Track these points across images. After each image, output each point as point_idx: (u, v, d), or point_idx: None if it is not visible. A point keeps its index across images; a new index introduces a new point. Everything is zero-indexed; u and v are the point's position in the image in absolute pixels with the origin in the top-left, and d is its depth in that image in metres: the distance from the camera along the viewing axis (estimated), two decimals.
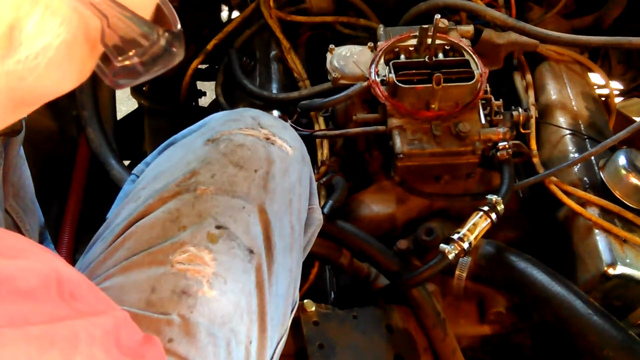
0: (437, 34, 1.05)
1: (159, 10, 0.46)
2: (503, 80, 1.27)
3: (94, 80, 1.29)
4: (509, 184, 1.04)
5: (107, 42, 0.42)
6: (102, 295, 0.46)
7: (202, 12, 1.49)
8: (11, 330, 0.34)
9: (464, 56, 1.08)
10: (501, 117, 1.09)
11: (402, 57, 1.10)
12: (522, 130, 1.13)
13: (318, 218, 0.86)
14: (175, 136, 0.84)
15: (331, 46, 1.14)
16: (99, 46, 0.42)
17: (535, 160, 1.14)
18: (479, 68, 1.06)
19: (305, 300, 0.98)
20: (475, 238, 0.96)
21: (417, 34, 1.08)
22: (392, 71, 1.05)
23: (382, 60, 1.10)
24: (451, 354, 1.00)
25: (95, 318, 0.40)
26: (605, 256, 0.97)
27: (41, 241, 0.89)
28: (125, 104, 2.05)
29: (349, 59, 1.12)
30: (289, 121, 1.12)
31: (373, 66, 1.09)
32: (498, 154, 1.06)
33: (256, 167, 0.74)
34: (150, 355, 0.46)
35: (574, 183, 1.08)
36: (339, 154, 1.19)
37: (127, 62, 0.43)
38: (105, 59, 0.44)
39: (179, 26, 0.46)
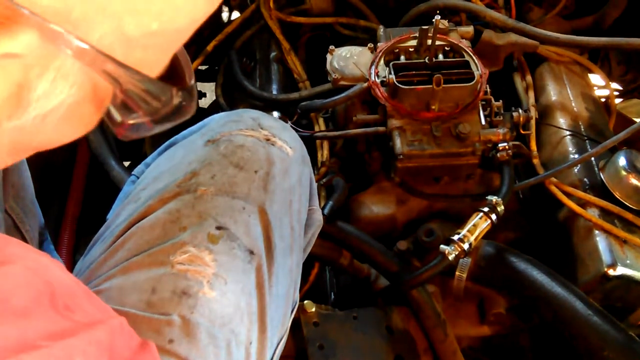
0: (437, 35, 1.05)
1: (174, 60, 0.45)
2: (503, 81, 1.27)
3: None
4: (509, 185, 1.04)
5: (118, 102, 0.40)
6: (98, 301, 0.45)
7: None
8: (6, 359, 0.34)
9: (464, 57, 1.09)
10: (501, 118, 1.09)
11: (402, 58, 1.10)
12: (522, 131, 1.13)
13: (318, 219, 0.86)
14: (175, 137, 0.84)
15: (331, 47, 1.14)
16: (107, 101, 0.41)
17: (536, 161, 1.14)
18: (479, 69, 1.06)
19: (305, 301, 0.98)
20: (475, 239, 0.96)
21: (417, 35, 1.08)
22: (392, 72, 1.05)
23: (382, 61, 1.10)
24: (451, 354, 1.00)
25: (91, 332, 0.40)
26: (606, 257, 0.97)
27: (41, 242, 0.89)
28: None
29: (349, 60, 1.12)
30: (289, 122, 1.12)
31: (373, 67, 1.09)
32: (498, 155, 1.06)
33: (256, 168, 0.74)
34: None
35: (574, 184, 1.08)
36: (339, 155, 1.19)
37: (138, 121, 0.42)
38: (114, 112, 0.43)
39: (192, 80, 0.45)
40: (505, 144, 1.05)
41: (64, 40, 0.34)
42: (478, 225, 0.97)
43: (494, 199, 0.99)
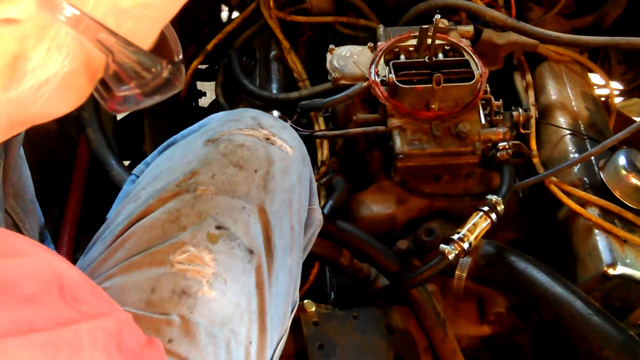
0: (437, 34, 1.05)
1: (162, 36, 0.46)
2: (503, 80, 1.27)
3: None
4: (509, 184, 1.04)
5: (110, 73, 0.42)
6: (105, 295, 0.46)
7: (202, 12, 1.49)
8: (15, 339, 0.34)
9: (463, 56, 1.08)
10: (501, 117, 1.09)
11: (402, 57, 1.10)
12: (522, 131, 1.13)
13: (318, 218, 0.86)
14: (175, 136, 0.84)
15: (331, 46, 1.14)
16: (99, 73, 0.42)
17: (535, 160, 1.14)
18: (478, 68, 1.06)
19: (305, 301, 0.98)
20: (475, 238, 0.96)
21: (417, 34, 1.08)
22: (392, 71, 1.05)
23: (382, 61, 1.10)
24: (451, 354, 1.00)
25: (99, 320, 0.40)
26: (605, 256, 0.97)
27: (41, 241, 0.89)
28: None
29: (348, 59, 1.12)
30: (289, 121, 1.12)
31: (373, 66, 1.09)
32: (498, 154, 1.06)
33: (256, 167, 0.74)
34: (151, 359, 0.46)
35: (574, 183, 1.08)
36: (339, 154, 1.19)
37: (128, 93, 0.43)
38: (105, 85, 0.44)
39: (180, 55, 0.46)
40: (505, 143, 1.05)
41: (59, 7, 0.35)
42: (478, 224, 0.97)
43: (494, 198, 0.99)
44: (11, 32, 0.36)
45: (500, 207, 0.98)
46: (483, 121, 1.06)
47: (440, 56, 1.09)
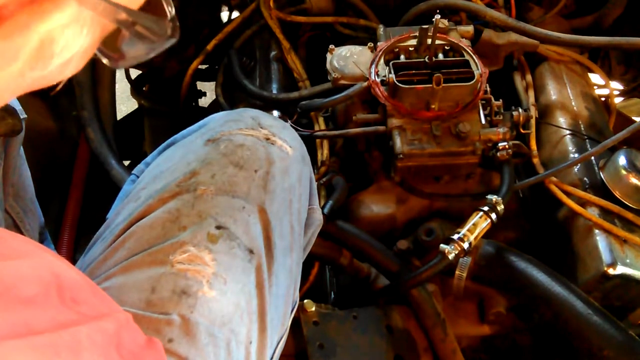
0: (437, 34, 1.05)
1: None
2: (503, 80, 1.27)
3: (94, 81, 1.29)
4: (509, 184, 1.04)
5: (126, 38, 0.45)
6: (104, 296, 0.46)
7: (202, 12, 1.49)
8: (15, 342, 0.34)
9: (464, 56, 1.08)
10: (501, 117, 1.09)
11: (402, 57, 1.10)
12: (522, 131, 1.13)
13: (318, 218, 0.86)
14: (175, 136, 0.84)
15: (331, 46, 1.14)
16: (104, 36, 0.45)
17: (535, 160, 1.14)
18: (479, 68, 1.06)
19: (305, 301, 0.98)
20: (475, 238, 0.96)
21: (417, 34, 1.08)
22: (392, 71, 1.05)
23: (382, 61, 1.10)
24: (451, 354, 1.00)
25: (98, 322, 0.40)
26: (605, 256, 0.97)
27: (41, 241, 0.90)
28: (125, 104, 2.05)
29: (348, 59, 1.12)
30: (289, 121, 1.12)
31: (373, 66, 1.09)
32: (498, 154, 1.06)
33: (256, 167, 0.74)
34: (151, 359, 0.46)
35: (574, 183, 1.08)
36: (339, 154, 1.19)
37: (135, 54, 0.46)
38: (108, 43, 0.46)
39: (173, 10, 0.47)
40: (505, 143, 1.05)
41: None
42: (478, 224, 0.97)
43: (494, 198, 0.99)
44: (39, 18, 0.37)
45: (500, 207, 0.98)
46: (483, 121, 1.06)
47: (440, 56, 1.09)
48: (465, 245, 0.95)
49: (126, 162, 1.36)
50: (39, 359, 0.35)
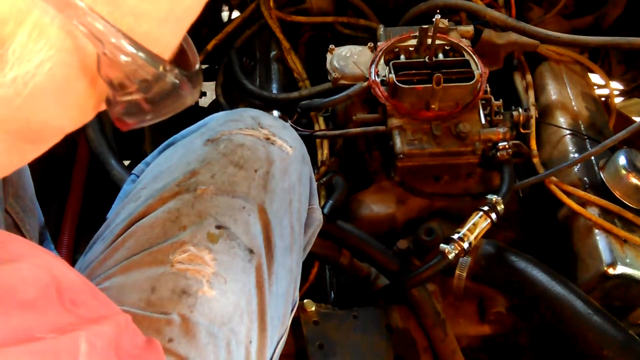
0: (437, 34, 1.05)
1: (179, 49, 0.43)
2: (503, 80, 1.27)
3: None
4: (509, 184, 1.04)
5: (107, 73, 0.37)
6: (104, 298, 0.46)
7: (202, 12, 1.49)
8: (14, 348, 0.34)
9: (464, 56, 1.09)
10: (501, 117, 1.09)
11: (402, 57, 1.10)
12: (522, 131, 1.13)
13: (318, 218, 0.86)
14: (175, 136, 0.84)
15: (331, 46, 1.14)
16: (101, 81, 0.38)
17: (535, 160, 1.14)
18: (479, 68, 1.06)
19: (305, 300, 0.98)
20: (475, 238, 0.96)
21: (417, 34, 1.08)
22: (392, 71, 1.05)
23: (382, 61, 1.10)
24: (451, 354, 1.00)
25: (97, 326, 0.40)
26: (605, 256, 0.97)
27: (41, 241, 0.89)
28: None
29: (349, 59, 1.12)
30: (289, 121, 1.12)
31: (373, 66, 1.09)
32: (498, 154, 1.06)
33: (256, 167, 0.74)
34: None
35: (574, 183, 1.08)
36: (339, 154, 1.19)
37: (130, 97, 0.39)
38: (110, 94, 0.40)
39: (197, 66, 0.43)
40: (505, 143, 1.05)
41: None
42: (478, 224, 0.97)
43: (494, 198, 0.99)
44: None
45: (500, 207, 0.98)
46: (483, 121, 1.06)
47: (441, 56, 1.09)
48: (465, 245, 0.95)
49: (126, 162, 1.36)
50: None
